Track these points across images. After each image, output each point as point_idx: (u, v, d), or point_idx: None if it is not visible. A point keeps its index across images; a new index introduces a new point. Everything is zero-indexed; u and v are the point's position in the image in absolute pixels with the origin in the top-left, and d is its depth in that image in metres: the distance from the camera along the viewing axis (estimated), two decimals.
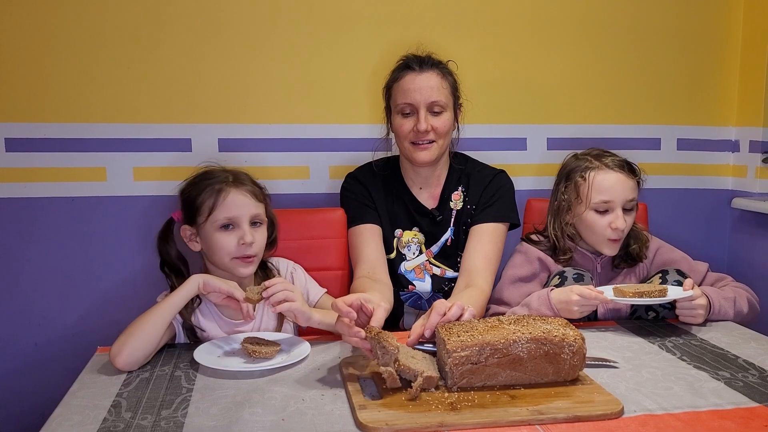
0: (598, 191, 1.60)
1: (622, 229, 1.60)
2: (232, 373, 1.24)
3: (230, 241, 1.44)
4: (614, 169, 1.61)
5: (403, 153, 1.74)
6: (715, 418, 1.06)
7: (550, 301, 1.49)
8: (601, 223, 1.61)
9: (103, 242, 1.92)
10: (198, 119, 1.93)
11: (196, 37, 1.90)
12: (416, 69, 1.66)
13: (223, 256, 1.45)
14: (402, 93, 1.66)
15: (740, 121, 2.23)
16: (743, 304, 1.59)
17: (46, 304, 1.91)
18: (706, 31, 2.20)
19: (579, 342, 1.16)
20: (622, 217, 1.60)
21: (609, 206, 1.60)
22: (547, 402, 1.09)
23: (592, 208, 1.61)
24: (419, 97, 1.64)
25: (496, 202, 1.75)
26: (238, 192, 1.46)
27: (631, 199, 1.61)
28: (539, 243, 1.72)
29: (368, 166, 1.83)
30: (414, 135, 1.66)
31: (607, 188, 1.60)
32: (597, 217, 1.62)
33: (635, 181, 1.63)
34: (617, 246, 1.64)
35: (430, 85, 1.64)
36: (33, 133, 1.86)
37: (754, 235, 2.19)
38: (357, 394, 1.12)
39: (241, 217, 1.45)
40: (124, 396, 1.15)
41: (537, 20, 2.09)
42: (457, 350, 1.13)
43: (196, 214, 1.46)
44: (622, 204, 1.60)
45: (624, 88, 2.17)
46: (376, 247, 1.72)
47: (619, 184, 1.60)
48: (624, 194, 1.60)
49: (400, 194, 1.78)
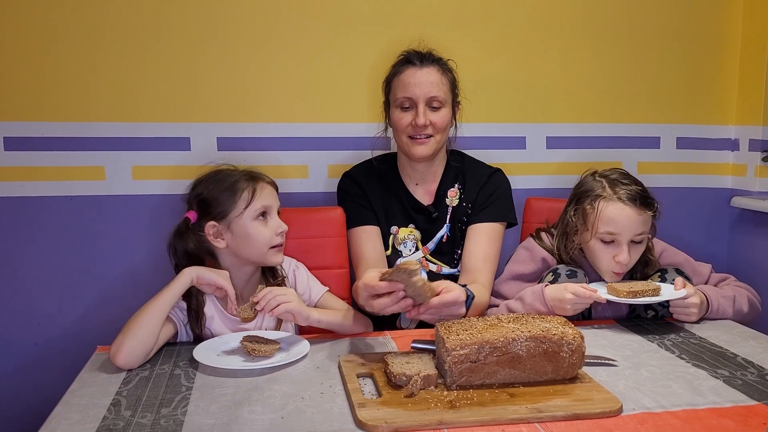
0: (605, 223, 1.54)
1: (625, 264, 1.55)
2: (231, 371, 1.24)
3: (267, 231, 1.49)
4: (625, 202, 1.53)
5: (400, 147, 1.75)
6: (713, 416, 1.06)
7: (544, 298, 1.49)
8: (606, 254, 1.56)
9: (102, 241, 1.92)
10: (197, 118, 1.93)
11: (194, 36, 1.90)
12: (417, 64, 1.66)
13: (261, 246, 1.49)
14: (402, 87, 1.66)
15: (740, 119, 2.23)
16: (743, 303, 1.59)
17: (46, 303, 1.91)
18: (705, 30, 2.19)
19: (578, 340, 1.16)
20: (626, 252, 1.53)
21: (615, 239, 1.55)
22: (546, 400, 1.09)
23: (598, 237, 1.56)
24: (419, 92, 1.64)
25: (493, 202, 1.75)
26: (265, 185, 1.53)
27: (640, 233, 1.54)
28: (545, 243, 1.70)
29: (365, 163, 1.84)
30: (412, 129, 1.66)
31: (614, 221, 1.53)
32: (602, 247, 1.56)
33: (648, 215, 1.55)
34: (620, 277, 1.59)
35: (430, 80, 1.65)
36: (32, 132, 1.86)
37: (754, 233, 2.19)
38: (356, 392, 1.12)
39: (273, 207, 1.52)
40: (124, 394, 1.15)
41: (536, 19, 2.08)
42: (456, 348, 1.13)
43: (230, 208, 1.48)
44: (629, 239, 1.54)
45: (623, 86, 2.17)
46: (376, 248, 1.72)
47: (628, 218, 1.52)
48: (632, 229, 1.53)
49: (396, 190, 1.78)
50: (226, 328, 1.48)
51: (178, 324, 1.43)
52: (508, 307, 1.56)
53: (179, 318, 1.44)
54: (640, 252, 1.59)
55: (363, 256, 1.70)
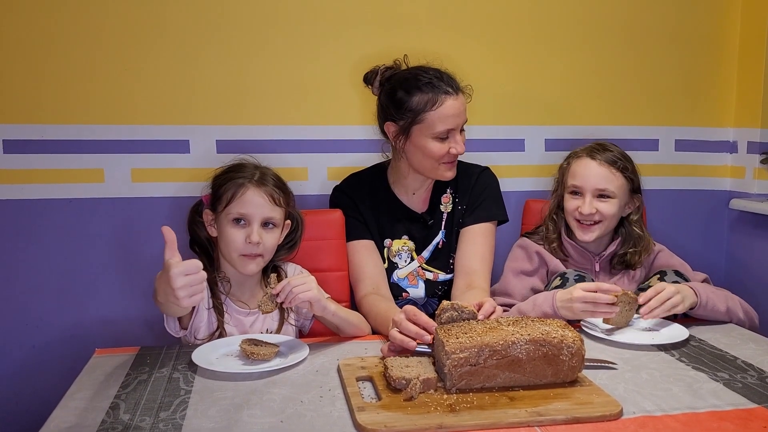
0: (572, 176, 1.69)
1: (587, 215, 1.64)
2: (230, 374, 1.24)
3: (239, 236, 1.47)
4: (595, 159, 1.67)
5: (423, 169, 1.70)
6: (713, 419, 1.06)
7: (554, 302, 1.49)
8: (572, 205, 1.68)
9: (101, 244, 1.92)
10: (196, 120, 1.93)
11: (194, 38, 1.90)
12: (452, 93, 1.63)
13: (231, 251, 1.48)
14: (442, 120, 1.61)
15: (738, 122, 2.23)
16: (736, 307, 1.57)
17: (44, 305, 1.91)
18: (704, 32, 2.20)
19: (578, 343, 1.16)
20: (589, 203, 1.65)
21: (579, 191, 1.67)
22: (546, 403, 1.09)
23: (568, 191, 1.70)
24: (459, 121, 1.66)
25: (483, 201, 1.76)
26: (256, 191, 1.48)
27: (603, 188, 1.64)
28: (536, 233, 1.77)
29: (354, 177, 1.83)
30: (448, 157, 1.67)
31: (579, 174, 1.67)
32: (570, 199, 1.69)
33: (615, 173, 1.65)
34: (590, 232, 1.67)
35: (464, 108, 1.66)
36: (31, 135, 1.85)
37: (752, 236, 2.19)
38: (356, 395, 1.12)
39: (254, 215, 1.48)
40: (123, 398, 1.15)
41: (535, 21, 2.09)
42: (456, 352, 1.13)
43: (218, 202, 1.50)
44: (592, 192, 1.65)
45: (622, 89, 2.17)
46: (375, 263, 1.72)
47: (591, 171, 1.66)
48: (592, 182, 1.65)
49: (388, 202, 1.78)
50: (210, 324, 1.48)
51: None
52: (519, 310, 1.56)
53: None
54: (610, 209, 1.65)
55: (364, 273, 1.70)
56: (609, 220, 1.66)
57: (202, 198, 1.57)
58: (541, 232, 1.77)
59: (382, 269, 1.74)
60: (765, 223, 2.13)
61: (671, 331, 1.46)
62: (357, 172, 1.84)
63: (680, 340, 1.40)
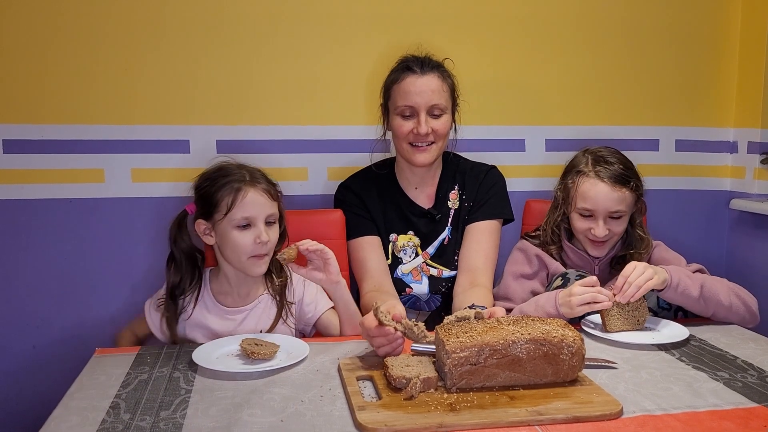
0: (582, 198, 1.63)
1: (600, 237, 1.62)
2: (231, 374, 1.24)
3: (247, 240, 1.45)
4: (603, 180, 1.60)
5: (400, 153, 1.74)
6: (714, 419, 1.06)
7: (556, 301, 1.49)
8: (583, 226, 1.65)
9: (101, 244, 1.92)
10: (196, 120, 1.93)
11: (194, 38, 1.90)
12: (417, 71, 1.65)
13: (240, 255, 1.47)
14: (403, 95, 1.66)
15: (738, 122, 2.23)
16: (722, 294, 1.52)
17: (45, 305, 1.91)
18: (704, 32, 2.20)
19: (578, 343, 1.16)
20: (602, 226, 1.61)
21: (591, 214, 1.63)
22: (546, 403, 1.09)
23: (577, 212, 1.65)
24: (420, 101, 1.64)
25: (490, 199, 1.76)
26: (255, 192, 1.47)
27: (616, 210, 1.61)
28: (536, 237, 1.75)
29: (361, 173, 1.83)
30: (413, 137, 1.66)
31: (590, 198, 1.61)
32: (580, 219, 1.65)
33: (625, 192, 1.61)
34: (602, 249, 1.66)
35: (431, 88, 1.64)
36: (31, 135, 1.85)
37: (752, 236, 2.19)
38: (356, 395, 1.12)
39: (258, 216, 1.47)
40: (123, 397, 1.15)
41: (535, 21, 2.09)
42: (456, 351, 1.13)
43: (214, 210, 1.47)
44: (605, 215, 1.61)
45: (622, 89, 2.17)
46: (379, 259, 1.73)
47: (603, 196, 1.60)
48: (606, 206, 1.60)
49: (394, 197, 1.78)
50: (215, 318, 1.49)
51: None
52: (522, 312, 1.56)
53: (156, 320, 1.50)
54: (621, 226, 1.64)
55: (368, 269, 1.70)
56: (620, 234, 1.66)
57: (186, 209, 1.54)
58: (541, 237, 1.75)
59: (386, 266, 1.74)
60: (765, 223, 2.13)
61: (671, 331, 1.46)
62: (363, 168, 1.84)
63: (680, 340, 1.40)
